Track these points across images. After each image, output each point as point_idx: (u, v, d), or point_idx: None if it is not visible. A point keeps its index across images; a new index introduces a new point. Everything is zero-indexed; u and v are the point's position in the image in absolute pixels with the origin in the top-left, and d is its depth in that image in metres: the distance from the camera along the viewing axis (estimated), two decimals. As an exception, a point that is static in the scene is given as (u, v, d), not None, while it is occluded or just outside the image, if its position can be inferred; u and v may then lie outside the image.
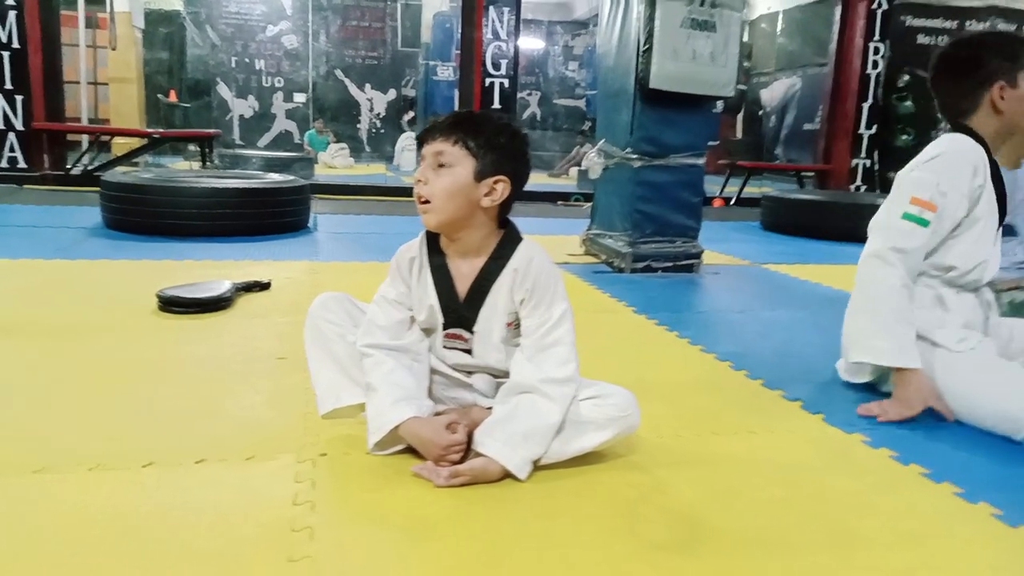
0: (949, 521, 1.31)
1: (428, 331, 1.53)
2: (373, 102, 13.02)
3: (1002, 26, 8.58)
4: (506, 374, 1.48)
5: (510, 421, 1.37)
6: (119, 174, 4.79)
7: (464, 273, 1.46)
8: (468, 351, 1.49)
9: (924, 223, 1.82)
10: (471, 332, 1.47)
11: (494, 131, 1.39)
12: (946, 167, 1.84)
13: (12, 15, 6.44)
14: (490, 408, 1.46)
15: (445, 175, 1.37)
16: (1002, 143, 1.92)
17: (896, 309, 1.81)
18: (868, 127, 8.19)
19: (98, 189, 4.37)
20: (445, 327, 1.49)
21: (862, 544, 1.21)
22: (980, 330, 1.95)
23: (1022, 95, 1.84)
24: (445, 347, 1.51)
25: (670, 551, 1.16)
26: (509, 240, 1.45)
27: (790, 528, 1.25)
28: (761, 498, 1.36)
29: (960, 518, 1.33)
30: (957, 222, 1.86)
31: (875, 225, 1.92)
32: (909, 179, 1.88)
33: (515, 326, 1.46)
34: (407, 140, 10.97)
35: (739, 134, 13.44)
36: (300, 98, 12.58)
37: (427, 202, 1.38)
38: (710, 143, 8.54)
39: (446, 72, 9.94)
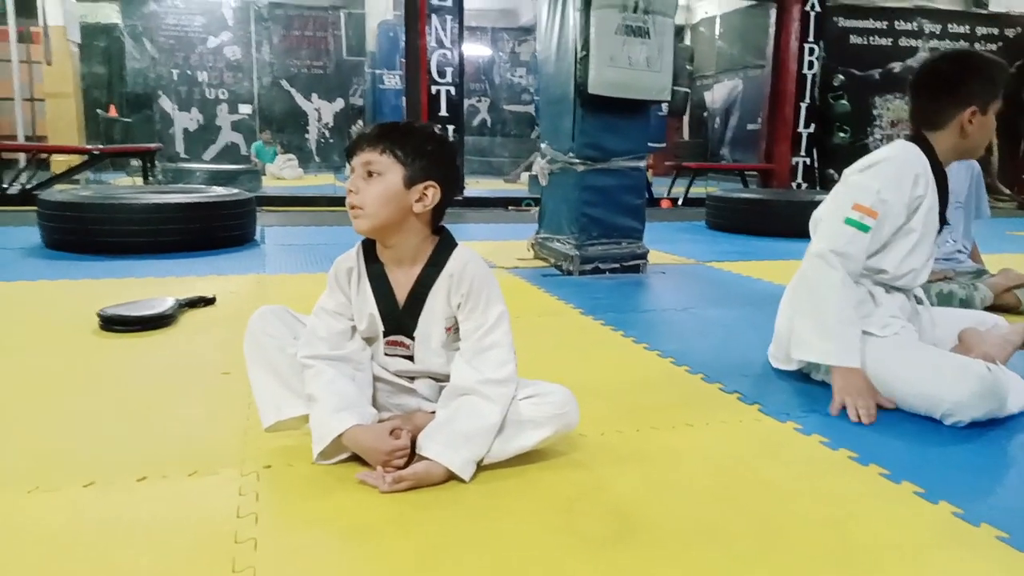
0: (874, 502, 1.38)
1: (369, 340, 1.55)
2: (321, 112, 12.91)
3: (928, 26, 8.92)
4: (448, 378, 1.50)
5: (451, 423, 1.40)
6: (57, 192, 4.68)
7: (401, 280, 1.48)
8: (410, 357, 1.52)
9: (865, 228, 1.89)
10: (411, 338, 1.50)
11: (421, 139, 1.43)
12: (889, 174, 1.91)
13: (-61, 31, 6.26)
14: (433, 413, 1.49)
15: (375, 183, 1.40)
16: (954, 159, 2.00)
17: (837, 310, 1.87)
18: (806, 126, 8.43)
19: (36, 208, 4.27)
20: (386, 334, 1.51)
21: (787, 528, 1.27)
22: (909, 319, 2.04)
23: (988, 123, 1.92)
24: (387, 354, 1.53)
25: (606, 545, 1.20)
26: (444, 246, 1.48)
27: (720, 517, 1.30)
28: (695, 489, 1.41)
29: (885, 498, 1.40)
30: (895, 229, 1.93)
31: (818, 226, 1.99)
32: (853, 184, 1.95)
33: (454, 330, 1.49)
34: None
35: (685, 136, 13.69)
36: (245, 109, 12.40)
37: (358, 208, 1.40)
38: (657, 145, 8.72)
39: (393, 81, 9.94)
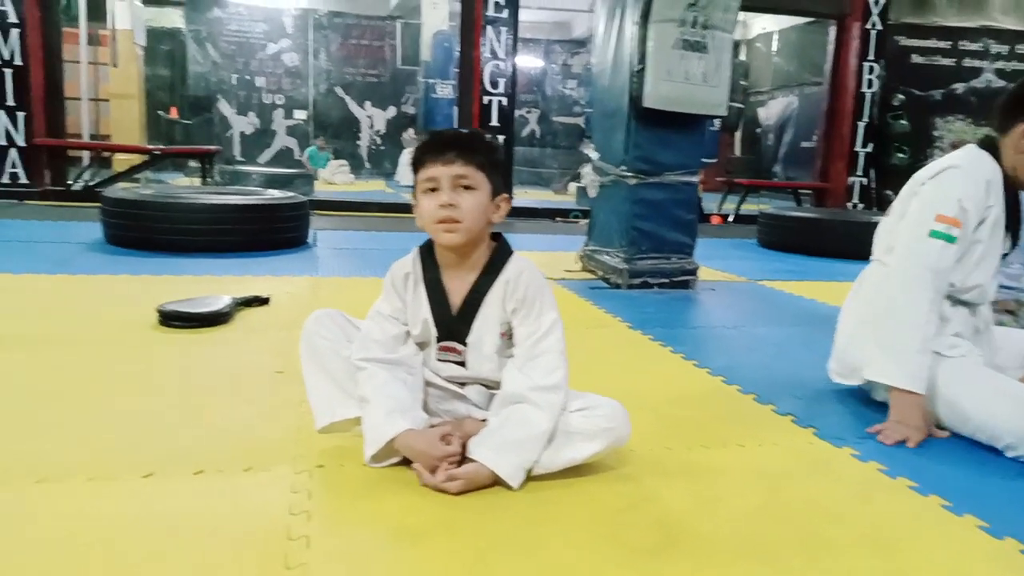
0: (932, 532, 1.34)
1: (422, 345, 1.56)
2: (373, 119, 13.11)
3: (995, 47, 8.68)
4: (499, 385, 1.51)
5: (501, 430, 1.41)
6: (119, 190, 4.84)
7: (457, 287, 1.50)
8: (462, 363, 1.53)
9: (951, 239, 1.81)
10: (464, 344, 1.51)
11: (494, 151, 1.49)
12: (964, 180, 1.84)
13: (15, 32, 6.52)
14: (484, 420, 1.49)
15: (471, 197, 1.42)
16: (1012, 175, 1.90)
17: (922, 336, 1.79)
18: (864, 146, 8.27)
19: (99, 205, 4.41)
20: (439, 340, 1.53)
21: (836, 550, 1.24)
22: (969, 339, 1.96)
23: None
24: (439, 360, 1.54)
25: (651, 556, 1.19)
26: (500, 254, 1.51)
27: (767, 534, 1.28)
28: (744, 506, 1.39)
29: (944, 530, 1.35)
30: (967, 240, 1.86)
31: (885, 239, 1.94)
32: (929, 194, 1.87)
33: (508, 336, 1.50)
34: (408, 157, 11.05)
35: (737, 152, 13.54)
36: (300, 115, 12.66)
37: (457, 222, 1.42)
38: (708, 161, 8.64)
39: (445, 90, 10.03)
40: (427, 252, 1.53)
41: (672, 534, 1.27)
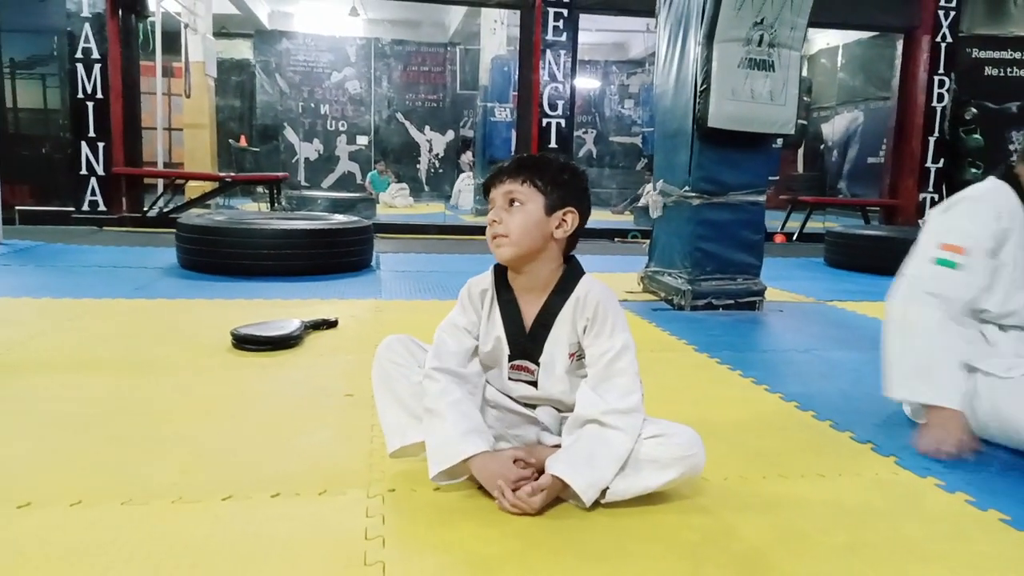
0: (1031, 571, 1.27)
1: (488, 365, 1.57)
2: (432, 143, 13.32)
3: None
4: (570, 408, 1.50)
5: (576, 445, 1.41)
6: (193, 216, 5.01)
7: (530, 306, 1.51)
8: (533, 383, 1.53)
9: (953, 265, 1.86)
10: (536, 364, 1.51)
11: (557, 170, 1.48)
12: (970, 211, 1.90)
13: (97, 68, 6.85)
14: (555, 447, 1.48)
15: (517, 212, 1.44)
16: None
17: (938, 348, 1.83)
18: (935, 161, 8.00)
19: (174, 231, 4.58)
20: (511, 359, 1.53)
21: (939, 592, 1.18)
22: None
23: None
24: (511, 379, 1.54)
25: (738, 595, 1.15)
26: (572, 274, 1.51)
27: (856, 574, 1.23)
28: (828, 543, 1.34)
29: (1043, 568, 1.28)
30: (990, 266, 1.88)
31: (907, 274, 1.96)
32: (937, 224, 1.94)
33: (577, 357, 1.49)
34: (465, 181, 11.16)
35: (800, 169, 13.27)
36: (363, 140, 12.95)
37: (503, 236, 1.44)
38: (771, 178, 8.49)
39: (504, 113, 10.12)
40: (501, 272, 1.54)
41: (755, 573, 1.23)
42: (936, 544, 1.35)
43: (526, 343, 1.51)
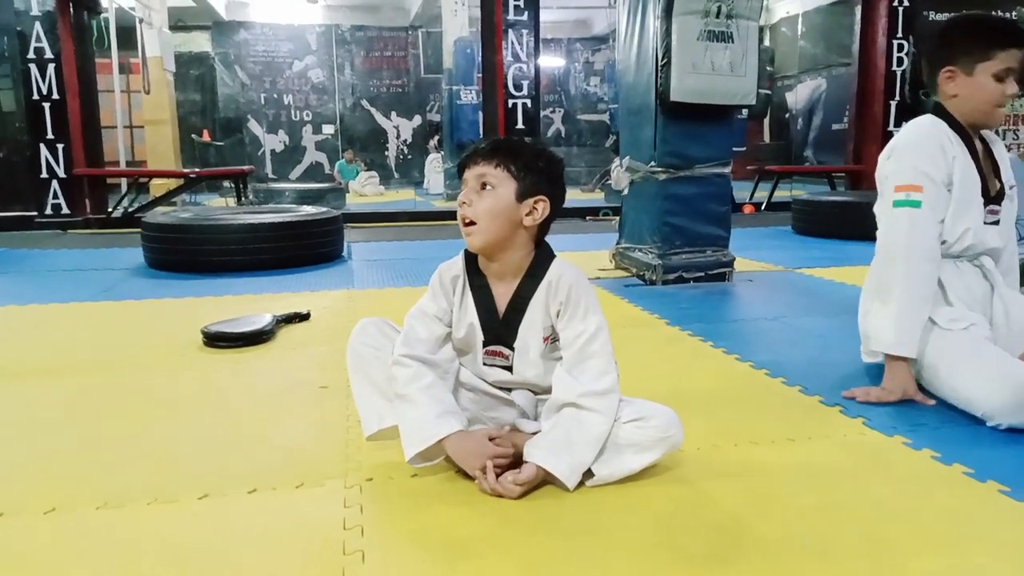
0: (994, 521, 1.31)
1: (461, 351, 1.57)
2: (399, 129, 13.24)
3: (1029, 15, 8.45)
4: (546, 390, 1.52)
5: (554, 431, 1.43)
6: (159, 214, 4.95)
7: (502, 292, 1.51)
8: (508, 368, 1.53)
9: (916, 204, 1.89)
10: (511, 349, 1.52)
11: (532, 155, 1.47)
12: (914, 149, 1.92)
13: (51, 67, 6.70)
14: (533, 433, 1.50)
15: (488, 196, 1.43)
16: (970, 125, 1.96)
17: (905, 304, 1.88)
18: (897, 125, 8.09)
19: (139, 230, 4.52)
20: (485, 344, 1.54)
21: (902, 548, 1.22)
22: (981, 304, 1.99)
23: (976, 84, 1.88)
24: (485, 364, 1.55)
25: (709, 563, 1.18)
26: (543, 258, 1.51)
27: (826, 535, 1.26)
28: (798, 505, 1.37)
29: (1005, 518, 1.32)
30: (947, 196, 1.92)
31: (879, 222, 2.00)
32: (888, 171, 1.98)
33: (551, 340, 1.50)
34: (433, 163, 11.11)
35: (767, 139, 13.37)
36: (329, 129, 12.84)
37: (472, 223, 1.43)
38: (737, 149, 8.54)
39: (469, 96, 10.07)
40: (473, 257, 1.53)
41: (729, 539, 1.25)
42: (903, 500, 1.39)
43: (499, 329, 1.51)
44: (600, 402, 1.41)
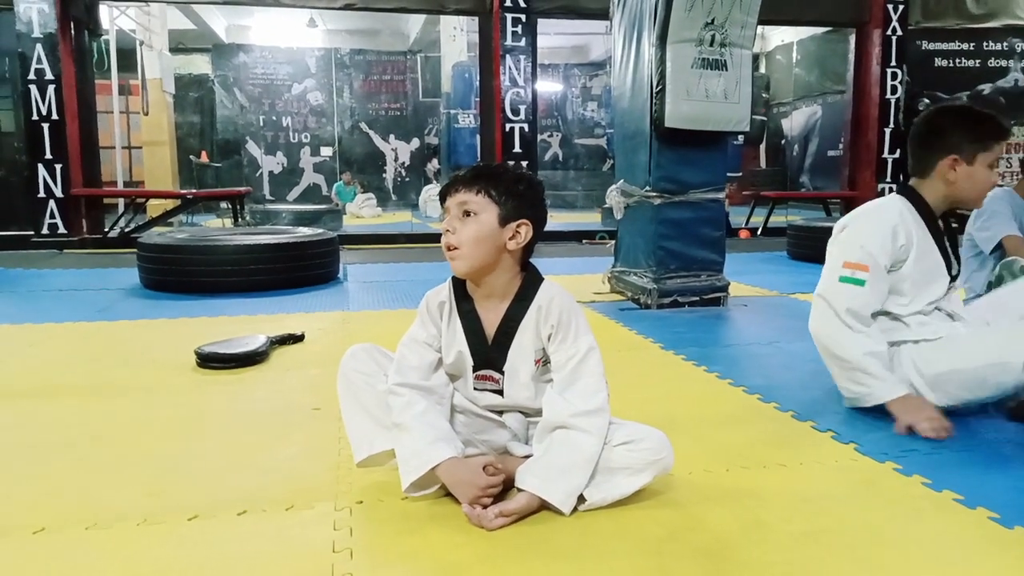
0: (982, 548, 1.31)
1: (453, 376, 1.57)
2: (398, 152, 13.31)
3: (1020, 45, 8.56)
4: (537, 412, 1.52)
5: (547, 456, 1.42)
6: (155, 235, 4.95)
7: (491, 316, 1.52)
8: (499, 391, 1.54)
9: (859, 282, 1.97)
10: (500, 372, 1.52)
11: (513, 180, 1.48)
12: (866, 229, 2.01)
13: (51, 88, 6.75)
14: (525, 456, 1.50)
15: (471, 223, 1.44)
16: (946, 207, 2.07)
17: (862, 355, 1.94)
18: (891, 152, 8.18)
19: (135, 251, 4.52)
20: (475, 369, 1.54)
21: (888, 575, 1.21)
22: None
23: (975, 173, 1.99)
24: (476, 389, 1.55)
25: (701, 586, 1.17)
26: (531, 282, 1.51)
27: (817, 560, 1.26)
28: (789, 531, 1.37)
29: (994, 544, 1.32)
30: (892, 278, 2.01)
31: (819, 293, 2.07)
32: (840, 242, 2.05)
33: (543, 363, 1.51)
34: (431, 191, 11.17)
35: (763, 164, 13.47)
36: (327, 152, 12.90)
37: (456, 249, 1.44)
38: (732, 175, 8.61)
39: (467, 120, 10.16)
40: (460, 283, 1.54)
41: (720, 564, 1.25)
42: (893, 526, 1.39)
43: (489, 353, 1.52)
44: (590, 421, 1.41)
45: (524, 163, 7.25)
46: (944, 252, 2.05)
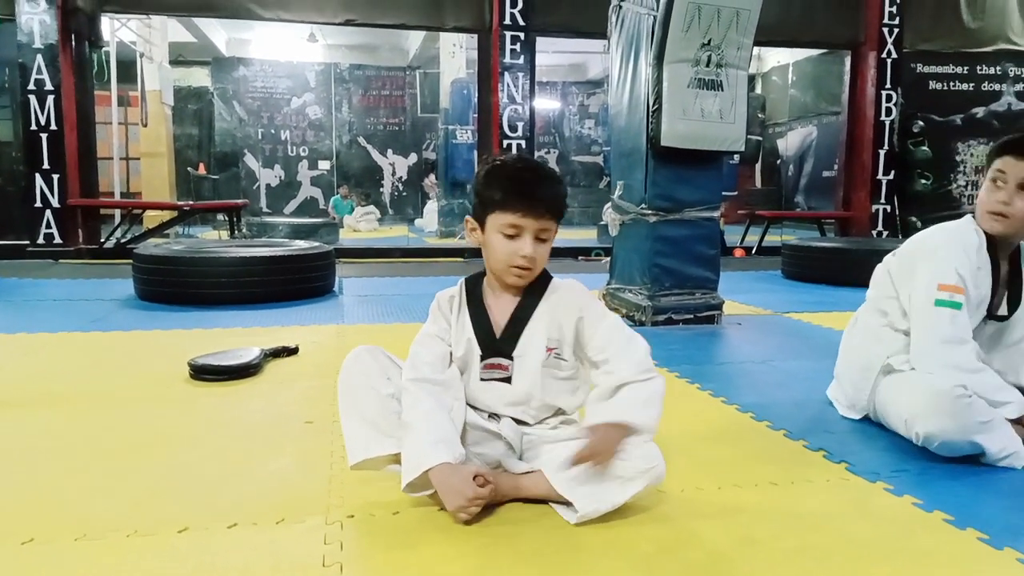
0: (970, 569, 1.31)
1: (462, 370, 1.60)
2: (395, 166, 13.35)
3: (1013, 69, 8.65)
4: (535, 415, 1.57)
5: (622, 400, 1.49)
6: (151, 246, 4.95)
7: (501, 308, 1.57)
8: (507, 379, 1.55)
9: (957, 305, 1.89)
10: (510, 359, 1.55)
11: (566, 196, 1.58)
12: (952, 252, 1.94)
13: (51, 99, 6.77)
14: (521, 474, 1.51)
15: (546, 245, 1.53)
16: (1008, 240, 1.98)
17: (989, 382, 1.86)
18: (886, 173, 8.24)
19: (131, 261, 4.52)
20: (483, 358, 1.57)
21: (885, 593, 1.22)
22: None
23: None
24: (483, 379, 1.57)
25: (691, 603, 1.17)
26: (542, 277, 1.59)
27: (811, 578, 1.26)
28: (779, 548, 1.37)
29: (984, 565, 1.32)
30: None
31: (913, 319, 1.98)
32: (929, 269, 1.95)
33: (555, 354, 1.55)
34: (430, 207, 11.18)
35: (758, 184, 13.53)
36: (324, 165, 12.93)
37: (530, 270, 1.52)
38: (728, 194, 8.65)
39: (465, 135, 10.19)
40: (472, 282, 1.60)
41: (707, 578, 1.25)
42: (883, 545, 1.39)
43: (498, 341, 1.56)
44: (655, 377, 1.52)
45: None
46: (995, 289, 1.98)
